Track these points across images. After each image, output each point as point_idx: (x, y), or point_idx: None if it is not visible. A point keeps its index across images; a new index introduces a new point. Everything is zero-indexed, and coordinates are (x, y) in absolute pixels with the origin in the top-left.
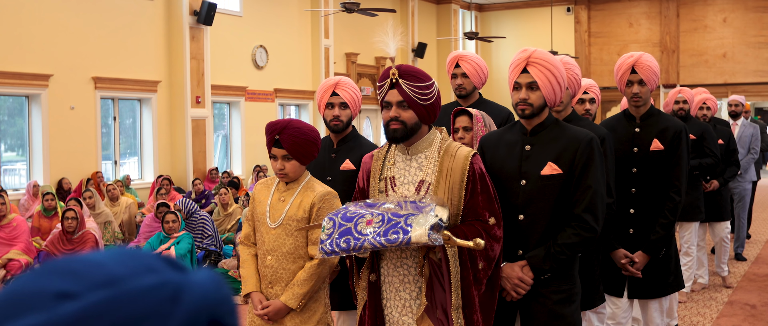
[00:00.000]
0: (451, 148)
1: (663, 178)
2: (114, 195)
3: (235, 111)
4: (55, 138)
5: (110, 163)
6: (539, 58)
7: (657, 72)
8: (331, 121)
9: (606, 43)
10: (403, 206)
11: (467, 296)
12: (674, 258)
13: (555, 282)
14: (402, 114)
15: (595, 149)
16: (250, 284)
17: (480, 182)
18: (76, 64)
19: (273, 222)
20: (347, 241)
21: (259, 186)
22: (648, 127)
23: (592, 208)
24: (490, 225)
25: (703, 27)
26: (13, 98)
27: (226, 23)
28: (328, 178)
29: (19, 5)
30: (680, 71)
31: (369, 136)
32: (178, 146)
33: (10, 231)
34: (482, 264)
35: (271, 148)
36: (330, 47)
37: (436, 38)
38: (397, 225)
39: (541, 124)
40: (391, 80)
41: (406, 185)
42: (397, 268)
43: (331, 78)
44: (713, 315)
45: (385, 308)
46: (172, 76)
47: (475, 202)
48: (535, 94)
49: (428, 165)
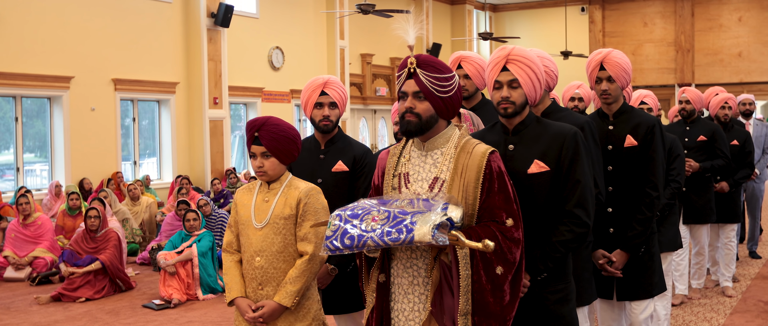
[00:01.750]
0: (468, 145)
1: (639, 175)
2: (135, 195)
3: (252, 112)
4: (76, 139)
5: (129, 164)
6: (518, 55)
7: (626, 69)
8: (321, 121)
9: (620, 42)
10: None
11: (480, 302)
12: (657, 258)
13: (552, 282)
14: (417, 105)
15: (581, 143)
16: (235, 290)
17: (498, 181)
18: (96, 67)
19: (259, 222)
20: (351, 238)
21: (241, 191)
22: (621, 123)
23: (583, 203)
24: (508, 226)
25: (718, 26)
26: (31, 100)
27: (243, 25)
28: (319, 181)
29: (41, 10)
30: (695, 70)
31: (366, 136)
32: (196, 146)
33: (35, 229)
34: (500, 269)
35: (251, 145)
36: (345, 48)
37: (451, 39)
38: (401, 223)
39: (522, 123)
40: (409, 69)
41: (420, 182)
42: (406, 269)
43: (318, 77)
44: (727, 311)
45: (392, 311)
46: (190, 78)
47: (491, 202)
48: (516, 91)
49: (444, 162)
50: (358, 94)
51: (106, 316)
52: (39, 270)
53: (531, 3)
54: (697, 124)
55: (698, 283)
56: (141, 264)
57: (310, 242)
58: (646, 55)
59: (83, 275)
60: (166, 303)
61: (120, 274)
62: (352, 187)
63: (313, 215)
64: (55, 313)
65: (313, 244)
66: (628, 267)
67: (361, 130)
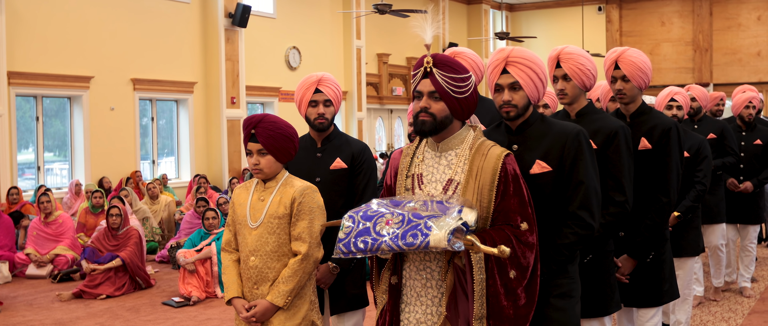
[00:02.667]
0: (483, 147)
1: (652, 179)
2: (154, 194)
3: (269, 111)
4: (95, 138)
5: (148, 163)
6: (518, 57)
7: (643, 68)
8: (316, 119)
9: (638, 42)
10: (428, 206)
11: (494, 306)
12: (669, 265)
13: (552, 278)
14: (433, 105)
15: (584, 142)
16: (232, 290)
17: (513, 184)
18: (115, 67)
19: (254, 222)
20: (365, 242)
21: (239, 190)
22: (637, 125)
23: (587, 204)
24: (522, 230)
25: (736, 25)
26: (52, 100)
27: (260, 25)
28: (317, 179)
29: (62, 11)
30: (713, 70)
31: (382, 136)
32: (213, 146)
33: (56, 227)
34: (514, 273)
35: (247, 143)
36: (362, 48)
37: (467, 38)
38: (416, 228)
39: (526, 122)
40: (425, 69)
41: (434, 183)
42: (420, 271)
43: (312, 75)
44: (745, 312)
45: (402, 313)
46: (208, 78)
47: (506, 205)
48: (517, 94)
49: (458, 163)
50: (375, 93)
51: (127, 313)
52: (60, 267)
53: (547, 2)
54: (704, 122)
55: (718, 282)
56: (160, 262)
57: (304, 242)
58: (663, 55)
59: (104, 272)
60: (185, 301)
61: (140, 272)
62: (350, 184)
63: (308, 214)
64: (76, 310)
65: (306, 244)
66: (636, 273)
67: (377, 129)
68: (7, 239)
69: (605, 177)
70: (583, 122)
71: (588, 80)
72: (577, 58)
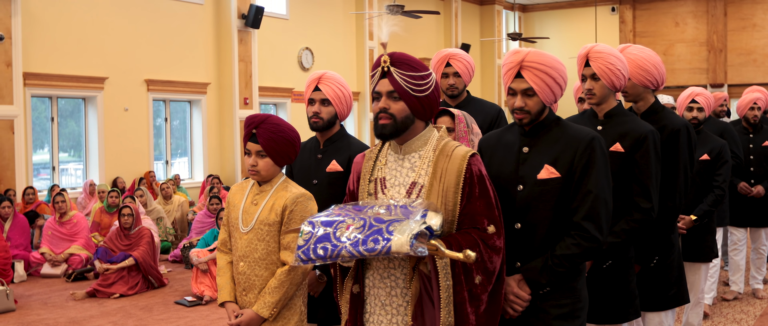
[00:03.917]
0: (447, 148)
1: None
2: (167, 194)
3: (282, 112)
4: (109, 138)
5: (161, 163)
6: (533, 62)
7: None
8: (311, 118)
9: (651, 42)
10: (391, 210)
11: (461, 313)
12: (677, 270)
13: (555, 295)
14: (392, 106)
15: (598, 150)
16: (225, 293)
17: (478, 186)
18: (129, 67)
19: (245, 226)
20: (325, 248)
21: (235, 189)
22: (611, 126)
23: (594, 216)
24: (489, 234)
25: (751, 25)
26: (66, 100)
27: (273, 26)
28: (314, 182)
29: (76, 12)
30: (728, 70)
31: None
32: (226, 146)
33: (71, 227)
34: (479, 278)
35: (247, 142)
36: (374, 49)
37: (480, 39)
38: (378, 232)
39: (540, 124)
40: (383, 68)
41: (397, 187)
42: (383, 279)
43: (317, 71)
44: (757, 313)
45: (367, 323)
46: (221, 78)
47: (472, 208)
48: (531, 100)
49: (422, 165)
50: None
51: (140, 312)
52: (74, 266)
53: (561, 3)
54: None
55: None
56: (173, 261)
57: (292, 251)
58: (677, 55)
59: (117, 271)
60: (198, 300)
61: (153, 271)
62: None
63: (299, 223)
64: (90, 309)
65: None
66: (642, 277)
67: None
68: (22, 238)
69: (631, 181)
70: (611, 124)
71: (618, 80)
72: (607, 57)
